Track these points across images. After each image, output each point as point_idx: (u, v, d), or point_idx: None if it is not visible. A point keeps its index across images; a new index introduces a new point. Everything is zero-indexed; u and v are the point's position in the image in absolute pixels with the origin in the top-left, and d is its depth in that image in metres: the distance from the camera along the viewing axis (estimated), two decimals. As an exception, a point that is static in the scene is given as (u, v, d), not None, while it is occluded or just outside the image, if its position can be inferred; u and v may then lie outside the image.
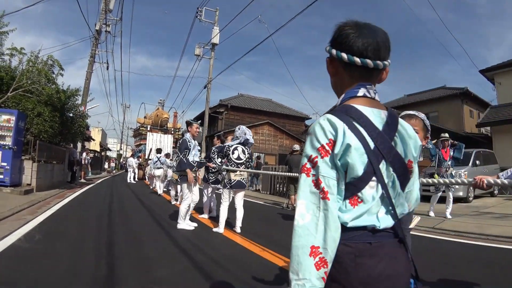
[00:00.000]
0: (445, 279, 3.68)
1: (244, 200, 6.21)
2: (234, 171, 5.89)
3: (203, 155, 11.75)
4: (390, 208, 1.09)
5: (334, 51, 1.14)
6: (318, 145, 1.04)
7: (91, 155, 27.18)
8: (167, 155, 14.28)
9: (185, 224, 6.05)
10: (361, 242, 1.04)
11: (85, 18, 27.14)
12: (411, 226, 2.02)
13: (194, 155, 6.17)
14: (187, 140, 6.14)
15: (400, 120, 1.16)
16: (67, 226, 5.89)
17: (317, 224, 1.00)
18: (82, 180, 18.92)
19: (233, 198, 6.06)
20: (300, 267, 0.98)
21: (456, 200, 8.19)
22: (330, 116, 1.07)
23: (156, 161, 13.21)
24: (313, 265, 0.97)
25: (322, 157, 1.03)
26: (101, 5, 19.99)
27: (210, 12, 23.25)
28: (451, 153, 7.74)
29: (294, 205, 6.86)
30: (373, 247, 1.04)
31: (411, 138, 1.14)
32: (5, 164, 9.48)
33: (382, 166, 1.07)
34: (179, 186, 10.04)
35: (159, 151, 14.07)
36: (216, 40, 22.70)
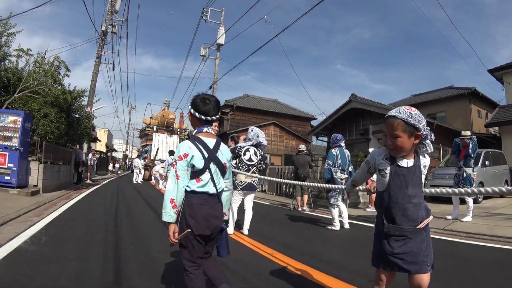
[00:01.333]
0: (460, 283, 3.59)
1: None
2: (251, 176, 5.77)
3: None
4: (215, 184, 2.35)
5: (192, 111, 2.43)
6: (179, 154, 2.27)
7: (97, 156, 27.22)
8: None
9: None
10: (202, 199, 2.30)
11: (91, 19, 27.25)
12: (419, 226, 1.97)
13: None
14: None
15: (221, 143, 2.48)
16: (73, 228, 5.83)
17: (174, 189, 2.23)
18: (88, 181, 18.97)
19: (242, 199, 5.97)
20: (165, 206, 2.21)
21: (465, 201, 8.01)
22: (188, 141, 2.35)
23: (171, 164, 13.02)
24: (171, 206, 2.21)
25: (180, 160, 2.26)
26: (107, 6, 20.02)
27: (216, 13, 23.26)
28: (467, 152, 7.47)
29: (301, 206, 6.72)
30: (207, 201, 2.31)
31: (226, 152, 2.50)
32: (11, 165, 9.50)
33: (211, 165, 2.35)
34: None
35: (171, 153, 13.80)
36: (221, 40, 22.66)
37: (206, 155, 2.32)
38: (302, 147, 10.52)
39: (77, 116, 14.62)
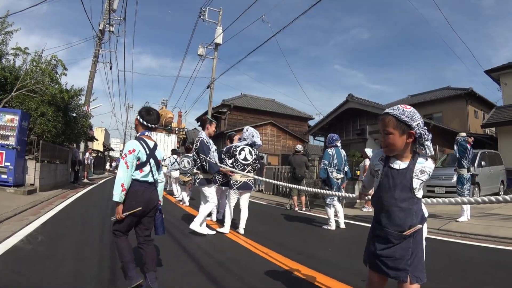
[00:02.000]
0: (455, 283, 3.62)
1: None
2: (247, 176, 5.74)
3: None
4: (153, 175, 3.13)
5: (139, 117, 3.24)
6: (129, 149, 3.00)
7: (94, 155, 27.17)
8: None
9: (199, 227, 5.63)
10: (144, 186, 3.04)
11: (89, 18, 27.22)
12: (405, 233, 1.87)
13: (216, 158, 5.85)
14: (206, 140, 5.68)
15: (157, 146, 3.29)
16: (70, 227, 5.84)
17: (124, 176, 2.91)
18: (85, 180, 18.93)
19: (238, 199, 5.98)
20: (116, 189, 2.89)
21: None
22: (135, 140, 3.13)
23: (174, 163, 12.48)
24: (121, 190, 2.89)
25: (129, 154, 2.97)
26: (104, 5, 19.98)
27: (214, 12, 23.21)
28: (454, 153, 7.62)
29: (297, 205, 6.70)
30: (147, 188, 3.07)
31: (161, 152, 3.29)
32: (8, 164, 9.48)
33: (151, 160, 3.12)
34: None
35: (174, 152, 13.42)
36: (219, 40, 22.63)
37: (148, 152, 3.12)
38: (299, 147, 10.54)
39: (74, 115, 14.59)
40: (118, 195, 2.89)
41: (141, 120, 3.22)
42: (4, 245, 4.27)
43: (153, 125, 3.29)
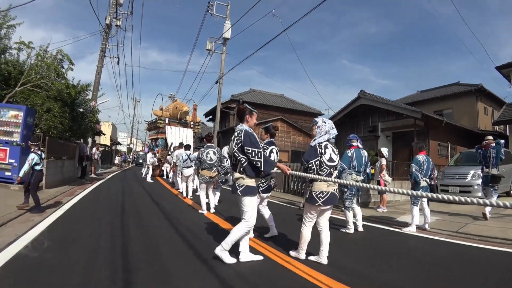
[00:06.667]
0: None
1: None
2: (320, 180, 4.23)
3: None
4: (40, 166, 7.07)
5: (30, 143, 7.34)
6: (31, 158, 6.82)
7: (101, 149, 26.94)
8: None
9: (227, 253, 4.16)
10: (34, 170, 6.96)
11: (95, 12, 27.01)
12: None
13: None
14: (250, 131, 4.25)
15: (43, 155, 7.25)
16: (78, 230, 5.48)
17: (26, 168, 6.78)
18: (93, 175, 18.71)
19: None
20: (21, 172, 6.87)
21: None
22: (32, 153, 6.99)
23: (186, 159, 10.87)
24: (23, 172, 6.83)
25: (31, 160, 6.82)
26: (111, -2, 19.76)
27: (222, 7, 23.00)
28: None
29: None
30: (34, 171, 6.94)
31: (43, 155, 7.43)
32: (12, 160, 9.40)
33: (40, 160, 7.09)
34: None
35: (187, 147, 11.55)
36: (227, 34, 22.39)
37: (41, 158, 6.63)
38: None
39: (81, 110, 14.42)
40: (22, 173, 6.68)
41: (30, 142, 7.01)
42: (7, 253, 4.00)
43: (34, 143, 7.07)
